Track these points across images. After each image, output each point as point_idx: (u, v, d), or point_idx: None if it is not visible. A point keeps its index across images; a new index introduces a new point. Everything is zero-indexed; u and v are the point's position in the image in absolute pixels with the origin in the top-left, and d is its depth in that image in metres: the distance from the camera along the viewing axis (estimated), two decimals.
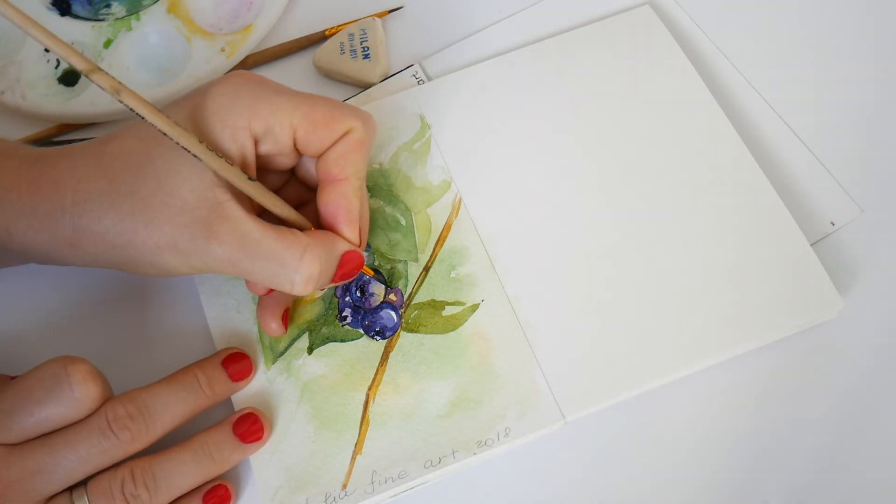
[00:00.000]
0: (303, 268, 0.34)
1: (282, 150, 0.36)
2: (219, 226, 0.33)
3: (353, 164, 0.36)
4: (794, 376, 0.40)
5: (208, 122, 0.34)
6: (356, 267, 0.37)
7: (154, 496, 0.35)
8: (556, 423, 0.38)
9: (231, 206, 0.34)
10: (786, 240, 0.41)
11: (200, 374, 0.37)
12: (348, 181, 0.36)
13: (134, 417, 0.34)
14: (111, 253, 0.34)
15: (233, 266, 0.34)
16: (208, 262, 0.34)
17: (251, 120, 0.34)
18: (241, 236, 0.33)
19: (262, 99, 0.35)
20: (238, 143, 0.34)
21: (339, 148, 0.36)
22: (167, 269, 0.35)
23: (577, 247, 0.41)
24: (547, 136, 0.44)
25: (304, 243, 0.34)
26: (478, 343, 0.40)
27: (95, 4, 0.49)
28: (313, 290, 0.35)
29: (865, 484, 0.38)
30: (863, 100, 0.47)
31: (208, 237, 0.33)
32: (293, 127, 0.35)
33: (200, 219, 0.33)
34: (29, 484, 0.33)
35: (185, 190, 0.33)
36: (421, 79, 0.47)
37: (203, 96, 0.35)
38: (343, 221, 0.36)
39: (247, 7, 0.49)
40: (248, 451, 0.37)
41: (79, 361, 0.34)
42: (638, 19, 0.48)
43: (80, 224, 0.34)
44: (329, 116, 0.36)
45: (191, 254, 0.34)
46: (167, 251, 0.34)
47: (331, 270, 0.36)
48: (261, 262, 0.34)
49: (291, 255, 0.34)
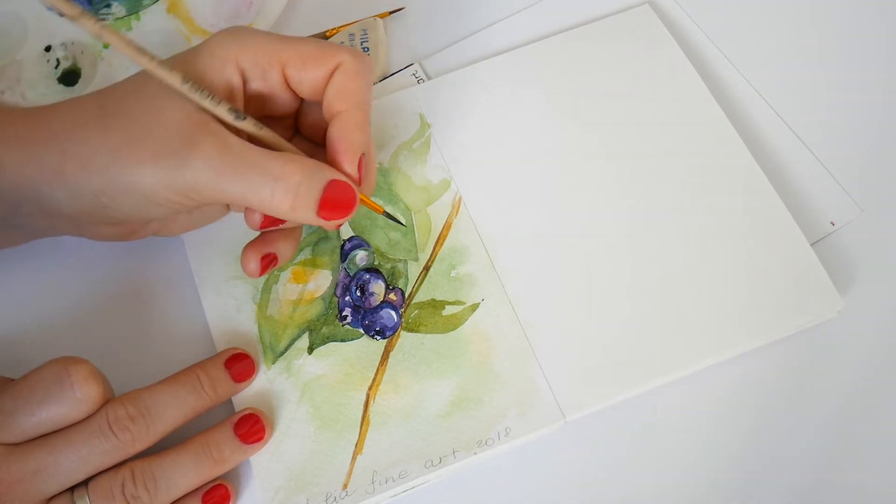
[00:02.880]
0: (283, 174, 0.33)
1: (273, 90, 0.36)
2: (203, 138, 0.33)
3: (354, 94, 0.36)
4: (794, 376, 0.40)
5: (198, 57, 0.35)
6: (344, 197, 0.35)
7: (154, 497, 0.34)
8: (557, 422, 0.38)
9: (216, 125, 0.34)
10: (785, 239, 0.41)
11: (202, 375, 0.37)
12: (349, 112, 0.36)
13: (135, 418, 0.34)
14: (94, 179, 0.33)
15: (214, 181, 0.33)
16: (188, 179, 0.33)
17: (239, 54, 0.35)
18: (224, 148, 0.33)
19: (252, 37, 0.35)
20: (226, 75, 0.35)
21: (335, 81, 0.36)
22: (147, 191, 0.33)
23: (578, 246, 0.42)
24: (547, 134, 0.44)
25: (288, 157, 0.34)
26: (478, 342, 0.40)
27: (95, 4, 0.49)
28: (292, 208, 0.34)
29: (865, 484, 0.38)
30: (863, 100, 0.47)
31: (191, 148, 0.33)
32: (281, 63, 0.35)
33: (185, 133, 0.33)
34: (29, 484, 0.33)
35: (172, 109, 0.33)
36: (421, 78, 0.47)
37: (194, 46, 0.36)
38: (342, 150, 0.35)
39: (247, 7, 0.49)
40: (249, 451, 0.37)
41: (80, 362, 0.34)
42: (637, 19, 0.48)
43: (67, 147, 0.33)
44: (318, 51, 0.36)
45: (171, 169, 0.33)
46: (149, 166, 0.33)
47: (314, 189, 0.34)
48: (241, 171, 0.33)
49: (273, 164, 0.33)
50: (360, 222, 0.42)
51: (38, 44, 0.47)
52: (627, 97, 0.45)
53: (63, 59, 0.48)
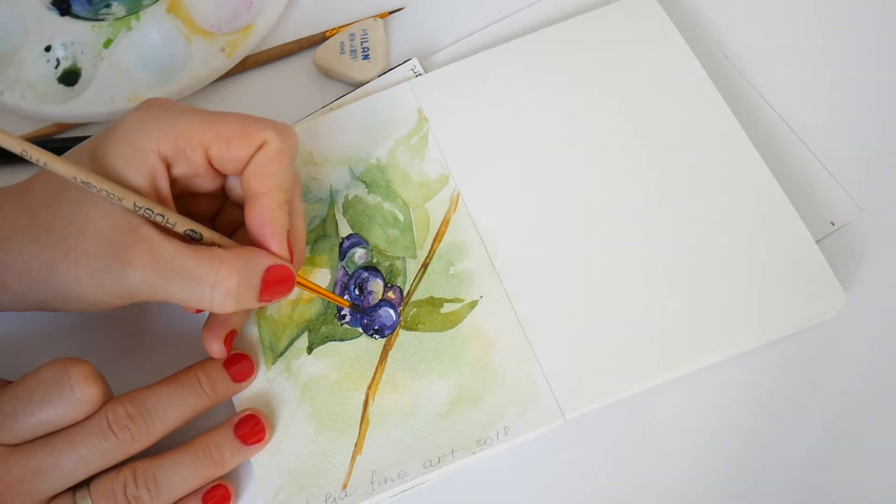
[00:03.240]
0: (219, 282, 0.33)
1: (197, 171, 0.36)
2: (132, 249, 0.33)
3: (274, 177, 0.35)
4: (795, 376, 0.40)
5: (116, 148, 0.34)
6: (283, 281, 0.35)
7: (156, 497, 0.35)
8: (556, 421, 0.38)
9: (145, 228, 0.33)
10: (789, 236, 0.41)
11: (202, 375, 0.37)
12: (270, 194, 0.35)
13: (134, 418, 0.34)
14: (37, 288, 0.34)
15: (152, 289, 0.33)
16: (127, 288, 0.33)
17: (160, 142, 0.34)
18: (156, 257, 0.33)
19: (170, 121, 0.35)
20: (147, 165, 0.34)
21: (256, 162, 0.35)
22: (91, 299, 0.34)
23: (577, 242, 0.41)
24: (547, 128, 0.44)
25: (220, 258, 0.34)
26: (477, 340, 0.39)
27: (95, 4, 0.49)
28: (236, 307, 0.34)
29: (866, 484, 0.38)
30: (863, 100, 0.47)
31: (123, 262, 0.33)
32: (204, 146, 0.35)
33: (115, 244, 0.33)
34: (30, 484, 0.33)
35: (97, 217, 0.33)
36: (419, 72, 0.46)
37: (115, 125, 0.35)
38: (268, 235, 0.35)
39: (247, 7, 0.49)
40: (250, 452, 0.37)
41: (80, 363, 0.34)
42: (639, 8, 0.47)
43: (4, 260, 0.34)
44: (240, 131, 0.35)
45: (107, 282, 0.33)
46: (85, 280, 0.33)
47: (252, 284, 0.34)
48: (177, 281, 0.33)
49: (207, 270, 0.33)
50: (358, 219, 0.42)
51: (38, 44, 0.47)
52: (629, 89, 0.45)
53: (63, 59, 0.48)
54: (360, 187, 0.43)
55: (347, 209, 0.43)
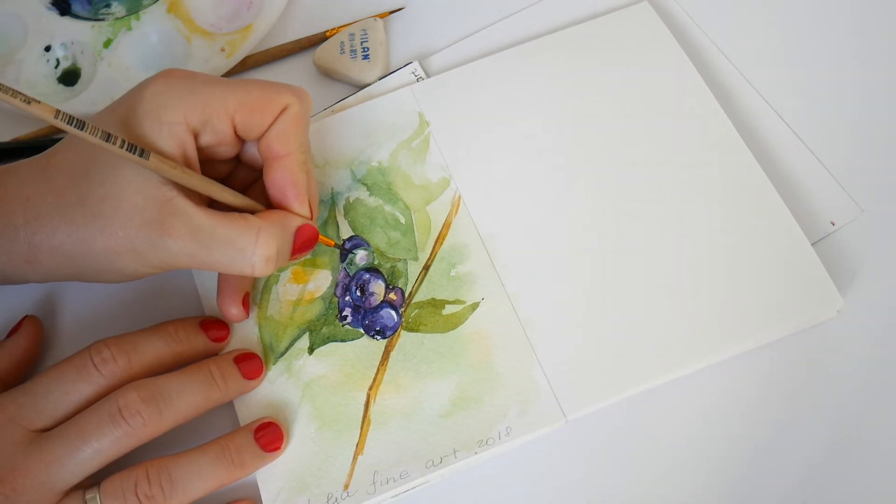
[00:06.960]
0: (259, 250, 0.34)
1: (222, 140, 0.36)
2: (171, 222, 0.33)
3: (295, 139, 0.37)
4: (794, 376, 0.40)
5: (144, 124, 0.34)
6: (311, 239, 0.37)
7: (170, 497, 0.34)
8: (558, 421, 0.38)
9: (179, 200, 0.34)
10: (786, 238, 0.41)
11: (214, 368, 0.37)
12: (292, 156, 0.37)
13: (147, 401, 0.34)
14: (69, 264, 0.35)
15: (191, 258, 0.34)
16: (166, 259, 0.34)
17: (187, 114, 0.35)
18: (194, 229, 0.34)
19: (195, 92, 0.35)
20: (176, 138, 0.35)
21: (278, 125, 0.36)
22: (128, 272, 0.35)
23: (577, 244, 0.41)
24: (546, 132, 0.44)
25: (258, 225, 0.35)
26: (478, 342, 0.39)
27: (95, 4, 0.49)
28: (274, 269, 0.36)
29: (865, 484, 0.38)
30: (863, 100, 0.47)
31: (162, 234, 0.33)
32: (230, 115, 0.36)
33: (152, 218, 0.33)
34: (45, 475, 0.33)
35: (130, 192, 0.33)
36: (420, 76, 0.47)
37: (136, 99, 0.35)
38: (292, 196, 0.37)
39: (247, 7, 0.49)
40: (268, 459, 0.37)
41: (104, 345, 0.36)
42: (637, 16, 0.47)
43: (35, 241, 0.34)
44: (264, 98, 0.36)
45: (148, 254, 0.34)
46: (125, 255, 0.34)
47: (288, 247, 0.36)
48: (218, 250, 0.34)
49: (247, 239, 0.34)
50: (359, 221, 0.42)
51: (38, 44, 0.47)
52: (627, 95, 0.45)
53: (63, 59, 0.48)
54: (361, 190, 0.43)
55: (348, 211, 0.43)
